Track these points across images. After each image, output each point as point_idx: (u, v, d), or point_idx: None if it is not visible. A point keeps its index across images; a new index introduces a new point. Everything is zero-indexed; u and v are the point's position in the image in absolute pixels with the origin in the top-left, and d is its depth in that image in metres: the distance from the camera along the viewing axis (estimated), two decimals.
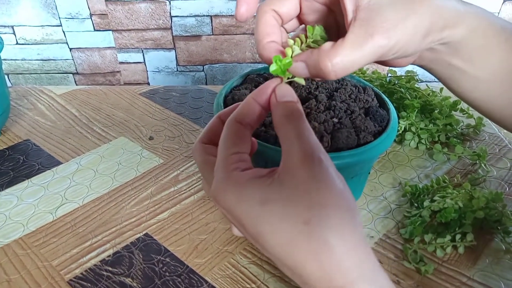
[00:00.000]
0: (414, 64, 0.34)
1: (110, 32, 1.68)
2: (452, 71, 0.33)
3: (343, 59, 0.26)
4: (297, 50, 0.29)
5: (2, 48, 0.59)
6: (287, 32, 0.33)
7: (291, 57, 0.29)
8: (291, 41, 0.29)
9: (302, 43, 0.29)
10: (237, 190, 0.24)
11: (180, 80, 1.85)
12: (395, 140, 0.65)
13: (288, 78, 0.29)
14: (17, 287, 0.43)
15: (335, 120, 0.42)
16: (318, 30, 0.29)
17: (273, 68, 0.28)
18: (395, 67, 0.33)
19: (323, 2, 0.30)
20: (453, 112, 0.66)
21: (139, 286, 0.43)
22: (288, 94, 0.28)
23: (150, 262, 0.46)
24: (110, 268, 0.45)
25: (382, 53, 0.27)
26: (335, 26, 0.32)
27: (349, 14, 0.27)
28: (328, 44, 0.27)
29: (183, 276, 0.44)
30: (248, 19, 0.31)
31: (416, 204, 0.53)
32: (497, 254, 0.47)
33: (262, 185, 0.24)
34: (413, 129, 0.63)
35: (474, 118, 0.67)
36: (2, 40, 0.61)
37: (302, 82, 0.29)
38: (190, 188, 0.56)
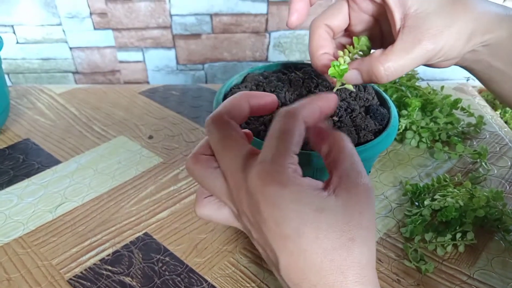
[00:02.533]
0: (457, 65, 0.35)
1: (110, 31, 1.68)
2: (493, 72, 0.35)
3: (394, 63, 0.30)
4: (347, 59, 0.32)
5: (2, 47, 0.59)
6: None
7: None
8: (341, 52, 0.33)
9: (350, 52, 0.33)
10: (297, 192, 0.24)
11: (180, 79, 1.84)
12: (395, 139, 0.65)
13: (342, 84, 0.33)
14: (17, 286, 0.43)
15: (336, 118, 0.42)
16: (364, 41, 0.33)
17: (331, 71, 0.31)
18: (438, 68, 0.34)
19: (370, 13, 0.33)
20: (454, 111, 0.66)
21: (139, 285, 0.43)
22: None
23: (150, 261, 0.46)
24: (109, 267, 0.45)
25: (429, 57, 0.30)
26: (379, 35, 0.35)
27: (398, 22, 0.30)
28: (378, 51, 0.30)
29: (182, 275, 0.44)
30: (298, 27, 0.33)
31: (416, 203, 0.53)
32: (498, 252, 0.47)
33: (320, 196, 0.25)
34: (413, 127, 0.63)
35: (475, 117, 0.67)
36: (2, 39, 0.60)
37: (352, 88, 0.34)
38: (190, 187, 0.56)
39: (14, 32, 1.66)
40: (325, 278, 0.24)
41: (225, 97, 0.46)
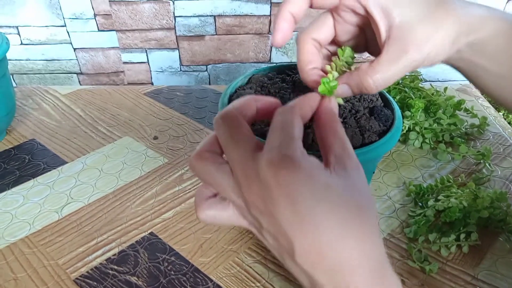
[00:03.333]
0: (442, 63, 0.36)
1: (114, 32, 1.69)
2: (477, 70, 0.36)
3: (383, 75, 0.31)
4: (336, 75, 0.33)
5: (8, 48, 0.60)
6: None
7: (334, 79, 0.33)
8: (329, 67, 0.34)
9: (336, 66, 0.34)
10: (308, 172, 0.25)
11: (184, 80, 1.85)
12: (399, 140, 0.65)
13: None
14: (24, 285, 0.44)
15: (340, 119, 0.42)
16: (348, 52, 0.33)
17: (321, 88, 0.32)
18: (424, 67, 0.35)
19: (355, 24, 0.33)
20: (457, 112, 0.66)
21: (145, 284, 0.44)
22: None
23: (155, 261, 0.46)
24: (115, 267, 0.45)
25: (416, 66, 0.31)
26: (364, 41, 0.36)
27: (383, 34, 0.31)
28: (365, 65, 0.31)
29: (188, 274, 0.45)
30: (283, 45, 0.34)
31: (420, 204, 0.53)
32: (502, 253, 0.47)
33: (326, 174, 0.26)
34: (417, 128, 0.63)
35: (478, 118, 0.67)
36: (8, 40, 0.61)
37: (341, 102, 0.34)
38: (194, 187, 0.56)
39: (18, 33, 1.67)
40: (343, 252, 0.24)
41: (230, 98, 0.47)
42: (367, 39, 0.36)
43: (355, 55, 0.35)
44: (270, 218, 0.25)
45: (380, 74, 0.31)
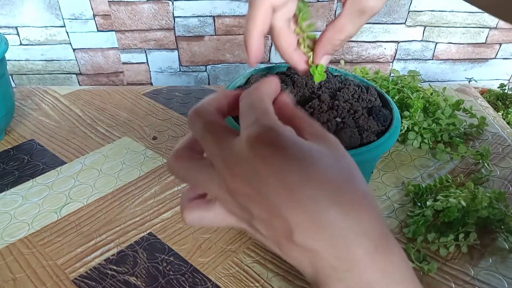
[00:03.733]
0: None
1: (113, 32, 1.69)
2: None
3: (349, 32, 0.34)
4: (310, 52, 0.36)
5: (7, 49, 0.60)
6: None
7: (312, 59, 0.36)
8: (304, 49, 0.36)
9: (305, 42, 0.36)
10: (291, 144, 0.24)
11: (183, 80, 1.85)
12: (398, 140, 0.65)
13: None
14: (23, 285, 0.44)
15: (338, 119, 0.42)
16: (304, 8, 0.35)
17: (317, 78, 0.36)
18: None
19: None
20: (456, 112, 0.66)
21: (143, 285, 0.44)
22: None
23: (154, 261, 0.46)
24: (114, 267, 0.45)
25: (373, 14, 0.34)
26: None
27: None
28: (329, 30, 0.34)
29: (187, 275, 0.45)
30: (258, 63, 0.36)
31: (419, 204, 0.53)
32: (501, 253, 0.47)
33: (308, 144, 0.25)
34: (416, 128, 0.63)
35: (477, 118, 0.67)
36: (7, 40, 0.61)
37: (324, 76, 0.38)
38: None
39: (17, 34, 1.67)
40: (344, 220, 0.23)
41: None
42: None
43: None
44: (260, 201, 0.24)
45: (346, 33, 0.34)
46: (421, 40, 1.82)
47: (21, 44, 1.69)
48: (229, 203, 0.26)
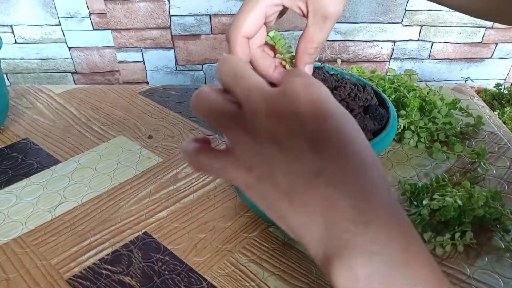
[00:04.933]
0: None
1: (109, 31, 1.68)
2: None
3: (318, 42, 0.36)
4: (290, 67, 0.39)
5: (1, 47, 0.59)
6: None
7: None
8: (287, 65, 0.39)
9: (286, 60, 0.38)
10: (328, 91, 0.27)
11: (179, 79, 1.84)
12: (394, 139, 0.65)
13: None
14: (16, 286, 0.43)
15: None
16: (280, 40, 0.38)
17: None
18: None
19: (279, 3, 0.36)
20: (452, 111, 0.66)
21: (138, 284, 0.43)
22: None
23: (149, 260, 0.46)
24: (109, 267, 0.45)
25: (337, 18, 0.35)
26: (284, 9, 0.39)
27: (304, 11, 0.35)
28: (301, 44, 0.36)
29: (182, 274, 0.44)
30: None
31: (415, 203, 0.53)
32: (497, 252, 0.47)
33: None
34: (412, 127, 0.63)
35: (473, 117, 0.67)
36: (1, 39, 0.60)
37: None
38: (189, 186, 0.56)
39: (12, 32, 1.66)
40: (368, 171, 0.25)
41: None
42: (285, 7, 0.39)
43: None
44: (293, 138, 0.25)
45: (316, 43, 0.36)
46: (418, 40, 1.82)
47: (16, 42, 1.68)
48: (247, 145, 0.26)
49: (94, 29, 1.68)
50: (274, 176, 0.25)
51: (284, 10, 0.37)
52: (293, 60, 0.38)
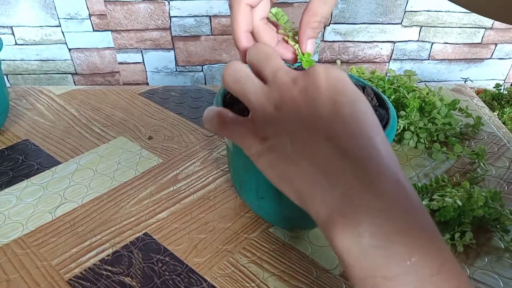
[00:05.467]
0: None
1: (109, 32, 1.68)
2: None
3: (322, 16, 0.36)
4: (296, 45, 0.38)
5: (1, 48, 0.59)
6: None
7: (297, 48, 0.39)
8: (290, 41, 0.39)
9: (288, 36, 0.38)
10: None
11: (179, 80, 1.85)
12: (394, 139, 0.65)
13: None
14: (16, 286, 0.43)
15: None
16: (283, 17, 0.38)
17: (306, 64, 0.38)
18: None
19: None
20: (452, 112, 0.66)
21: (139, 285, 0.43)
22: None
23: (150, 261, 0.46)
24: (109, 268, 0.45)
25: None
26: None
27: None
28: (305, 18, 0.36)
29: (182, 275, 0.44)
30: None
31: None
32: (496, 252, 0.47)
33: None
34: (412, 128, 0.63)
35: (473, 118, 0.67)
36: (1, 40, 0.61)
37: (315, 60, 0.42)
38: (189, 187, 0.56)
39: (13, 33, 1.66)
40: (377, 136, 0.27)
41: (224, 98, 0.47)
42: None
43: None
44: (310, 107, 0.27)
45: (320, 17, 0.36)
46: (417, 40, 1.82)
47: (16, 44, 1.69)
48: (268, 114, 0.29)
49: (94, 30, 1.68)
50: (285, 143, 0.28)
51: None
52: (296, 37, 0.38)
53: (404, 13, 1.74)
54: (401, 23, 1.77)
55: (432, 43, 1.83)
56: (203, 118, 0.33)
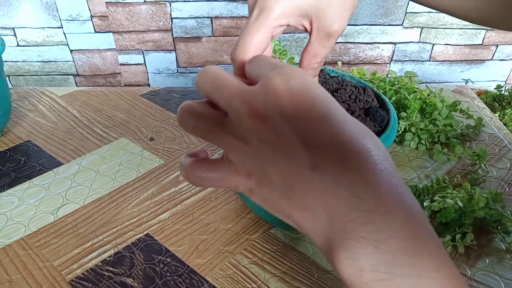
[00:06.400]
0: None
1: (111, 33, 1.69)
2: None
3: (322, 57, 0.37)
4: None
5: (4, 50, 0.60)
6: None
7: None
8: None
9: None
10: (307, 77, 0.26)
11: (181, 81, 1.85)
12: (395, 141, 0.65)
13: None
14: (19, 287, 0.43)
15: None
16: (281, 48, 0.40)
17: None
18: None
19: (285, 23, 0.36)
20: (452, 113, 0.66)
21: (140, 286, 0.43)
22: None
23: (151, 262, 0.46)
24: (111, 268, 0.45)
25: (338, 37, 0.36)
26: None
27: (308, 27, 0.35)
28: (306, 58, 0.37)
29: (184, 276, 0.45)
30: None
31: None
32: (497, 253, 0.47)
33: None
34: (413, 129, 0.63)
35: (474, 119, 0.67)
36: (3, 41, 0.61)
37: None
38: (191, 188, 0.56)
39: (15, 35, 1.67)
40: (364, 143, 0.24)
41: None
42: None
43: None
44: (281, 136, 0.24)
45: (320, 57, 0.36)
46: (418, 42, 1.82)
47: (18, 45, 1.69)
48: (240, 150, 0.26)
49: (95, 32, 1.69)
50: (270, 177, 0.25)
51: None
52: None
53: (405, 14, 1.75)
54: (402, 25, 1.77)
55: (433, 44, 1.83)
56: (180, 166, 0.29)
